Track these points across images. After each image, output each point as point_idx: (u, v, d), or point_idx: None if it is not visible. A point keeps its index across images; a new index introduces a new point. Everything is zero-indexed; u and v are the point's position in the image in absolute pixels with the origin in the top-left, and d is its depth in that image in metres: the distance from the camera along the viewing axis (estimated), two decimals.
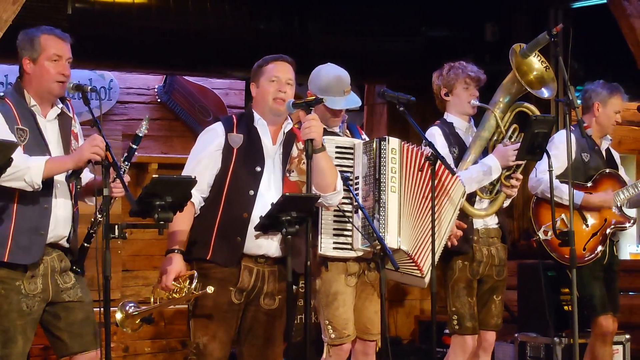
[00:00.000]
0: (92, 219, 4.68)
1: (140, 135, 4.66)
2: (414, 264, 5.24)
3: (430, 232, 5.16)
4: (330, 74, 5.31)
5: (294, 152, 4.91)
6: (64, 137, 4.73)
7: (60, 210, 4.65)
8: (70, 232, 4.70)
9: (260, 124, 4.87)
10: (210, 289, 4.59)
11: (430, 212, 5.16)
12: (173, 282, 4.67)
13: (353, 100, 5.33)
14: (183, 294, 4.65)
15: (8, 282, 4.58)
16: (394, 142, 5.24)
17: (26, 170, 4.47)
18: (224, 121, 4.90)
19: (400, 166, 5.23)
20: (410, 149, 5.29)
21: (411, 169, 5.27)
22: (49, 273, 4.66)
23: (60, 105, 4.74)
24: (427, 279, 5.26)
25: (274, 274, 4.82)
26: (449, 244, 5.53)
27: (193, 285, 4.63)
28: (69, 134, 4.75)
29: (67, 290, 4.70)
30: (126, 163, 4.64)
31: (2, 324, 4.57)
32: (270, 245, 4.78)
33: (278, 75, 4.82)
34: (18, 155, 4.43)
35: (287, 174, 4.85)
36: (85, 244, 4.71)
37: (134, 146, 4.67)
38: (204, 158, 4.81)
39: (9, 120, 4.58)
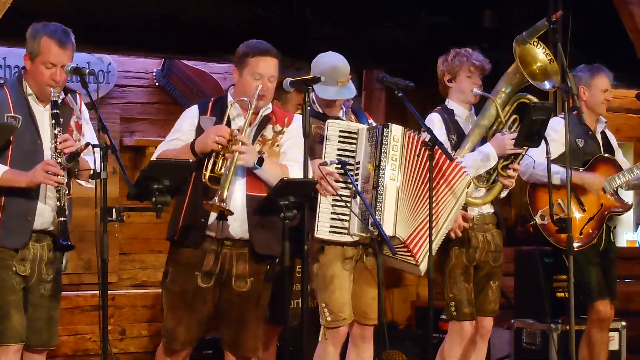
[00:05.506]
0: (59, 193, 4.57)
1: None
2: (408, 252, 5.25)
3: (428, 222, 5.17)
4: (326, 63, 5.33)
5: (269, 134, 4.94)
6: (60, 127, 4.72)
7: (50, 196, 4.66)
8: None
9: (234, 107, 4.93)
10: None
11: (429, 201, 5.17)
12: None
13: (345, 93, 5.32)
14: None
15: (0, 261, 4.63)
16: (396, 130, 5.23)
17: None
18: (200, 104, 5.04)
19: (402, 154, 5.23)
20: (413, 136, 5.29)
21: (412, 158, 5.27)
22: (37, 260, 4.71)
23: (62, 96, 4.75)
24: (422, 267, 5.27)
25: (243, 256, 4.87)
26: (452, 234, 5.52)
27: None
28: (66, 125, 4.75)
29: (44, 283, 4.74)
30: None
31: None
32: (233, 227, 4.82)
33: (261, 72, 4.87)
34: None
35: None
36: (61, 219, 4.58)
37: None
38: (177, 137, 4.93)
39: (0, 108, 4.61)
